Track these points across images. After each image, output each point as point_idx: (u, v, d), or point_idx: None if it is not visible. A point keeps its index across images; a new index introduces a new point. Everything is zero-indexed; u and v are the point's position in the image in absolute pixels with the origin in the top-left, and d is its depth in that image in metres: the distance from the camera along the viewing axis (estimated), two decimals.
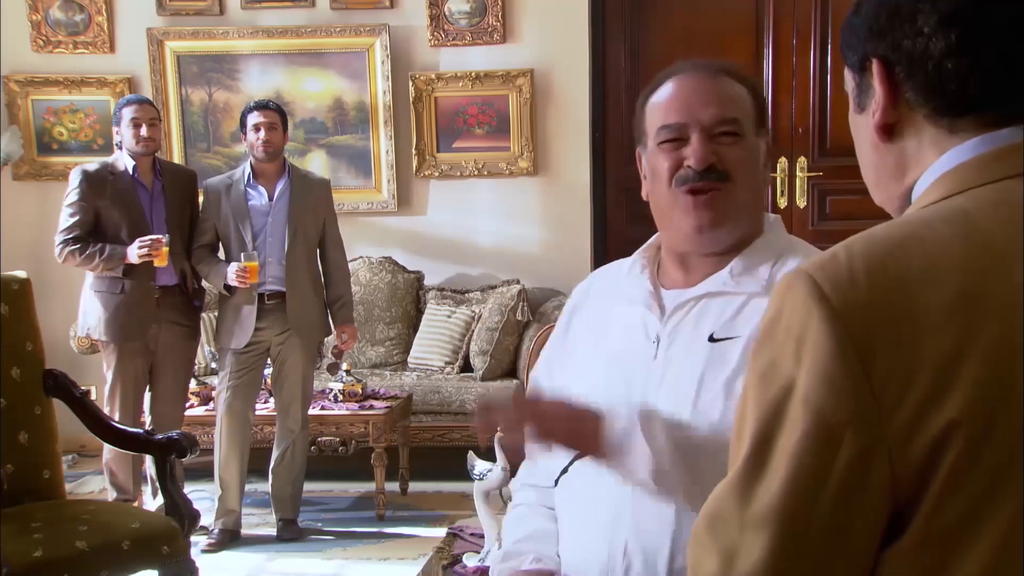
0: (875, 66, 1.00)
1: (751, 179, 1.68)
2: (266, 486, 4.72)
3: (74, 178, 4.44)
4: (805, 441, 0.87)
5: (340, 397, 4.86)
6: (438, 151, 5.89)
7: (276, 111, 4.57)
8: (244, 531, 4.65)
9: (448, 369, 5.47)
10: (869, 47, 1.00)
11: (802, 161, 5.78)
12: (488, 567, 2.82)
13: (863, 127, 1.05)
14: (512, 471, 3.77)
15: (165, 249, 4.32)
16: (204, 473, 4.91)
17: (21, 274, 3.55)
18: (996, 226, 0.89)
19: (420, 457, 5.24)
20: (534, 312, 5.53)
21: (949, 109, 0.96)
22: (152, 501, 4.53)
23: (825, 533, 0.87)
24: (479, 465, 4.19)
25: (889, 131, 1.01)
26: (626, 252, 1.84)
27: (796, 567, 0.88)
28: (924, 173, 0.99)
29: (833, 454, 0.86)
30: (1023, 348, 0.83)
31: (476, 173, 5.87)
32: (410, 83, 5.79)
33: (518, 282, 5.60)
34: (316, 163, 5.84)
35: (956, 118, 0.96)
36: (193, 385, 4.87)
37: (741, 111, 1.68)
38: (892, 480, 0.85)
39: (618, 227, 5.92)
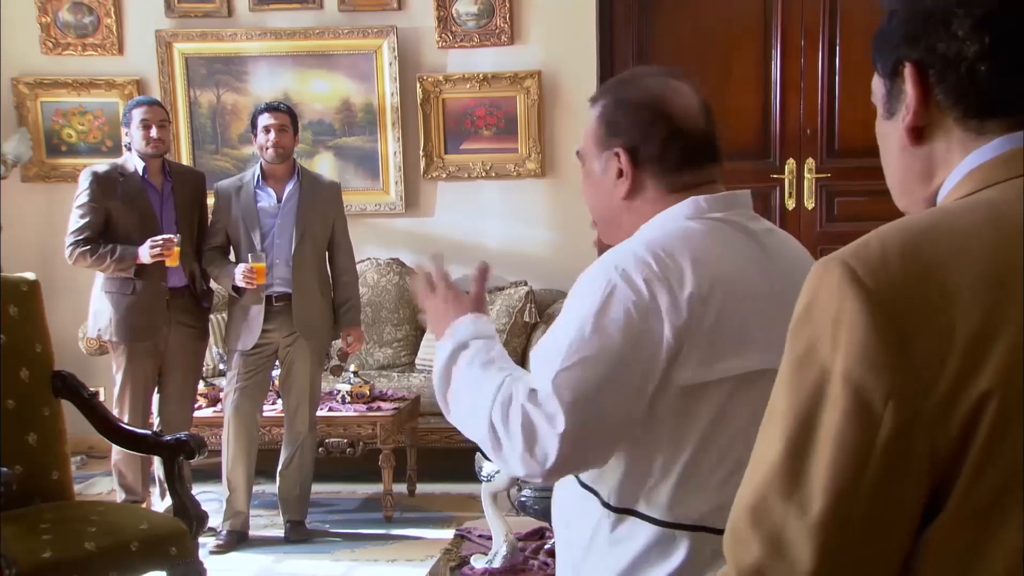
0: (908, 69, 1.03)
1: (598, 198, 1.79)
2: (274, 488, 4.73)
3: (84, 179, 4.46)
4: (847, 419, 0.90)
5: (348, 399, 4.87)
6: (446, 153, 5.90)
7: (286, 113, 4.58)
8: (252, 533, 4.66)
9: None
10: (903, 52, 1.03)
11: (810, 162, 5.77)
12: (496, 568, 2.82)
13: (891, 133, 1.08)
14: None
15: (177, 249, 4.34)
16: (212, 475, 4.91)
17: (30, 276, 3.57)
18: (1021, 213, 0.93)
19: (428, 458, 5.24)
20: (541, 313, 5.53)
21: (979, 110, 1.00)
22: (160, 502, 4.55)
23: (871, 509, 0.90)
24: (487, 467, 4.18)
25: (919, 134, 1.04)
26: None
27: (844, 547, 0.91)
28: (950, 175, 1.03)
29: (875, 430, 0.89)
30: None
31: (484, 175, 5.87)
32: (418, 85, 5.80)
33: (525, 283, 5.60)
34: (324, 165, 5.85)
35: (984, 120, 1.00)
36: (201, 386, 4.88)
37: (585, 138, 1.79)
38: (932, 455, 0.88)
39: None
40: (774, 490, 0.93)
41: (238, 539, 4.57)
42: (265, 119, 4.51)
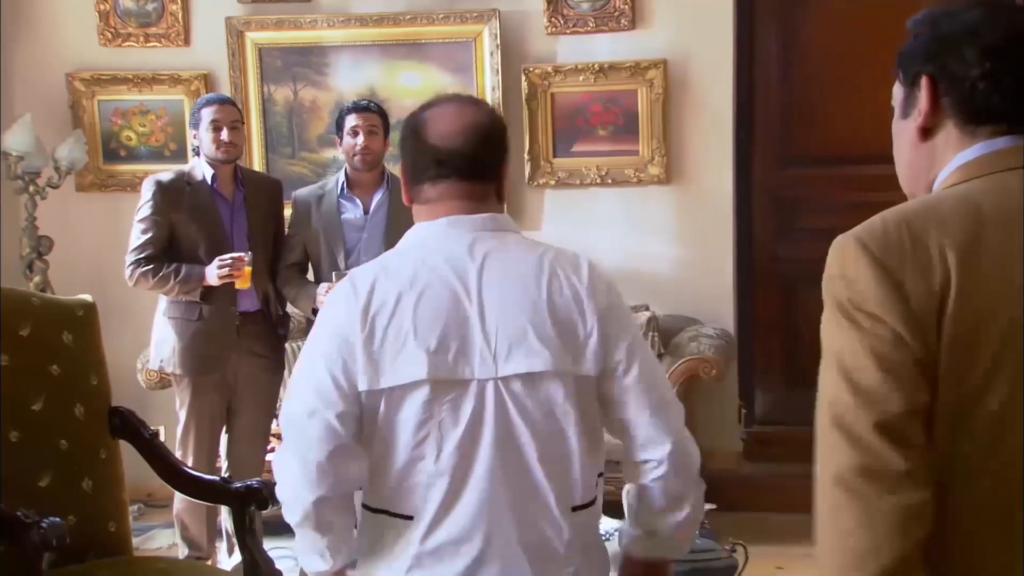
0: (924, 81, 1.59)
1: None
2: None
3: (147, 189, 4.54)
4: (876, 339, 1.46)
5: None
6: (555, 156, 5.88)
7: (377, 113, 4.61)
8: None
9: None
10: (922, 66, 1.59)
11: None
12: None
13: (905, 130, 1.65)
14: None
15: (248, 269, 4.38)
16: (287, 527, 4.93)
17: (86, 298, 3.62)
18: (990, 204, 1.49)
19: None
20: (666, 344, 5.47)
21: (973, 118, 1.56)
22: (228, 559, 4.59)
23: (916, 410, 1.46)
24: (605, 523, 4.12)
25: (926, 133, 1.61)
26: (774, 271, 1.89)
27: (908, 432, 1.46)
28: (945, 167, 1.59)
29: (892, 341, 1.46)
30: (1002, 293, 1.45)
31: (599, 181, 5.85)
32: (523, 77, 5.80)
33: (647, 308, 5.55)
34: None
35: (977, 126, 1.56)
36: (275, 425, 4.92)
37: None
38: (926, 356, 1.46)
39: (765, 243, 5.83)
40: (843, 401, 1.49)
41: None
42: (352, 120, 4.55)
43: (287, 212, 4.80)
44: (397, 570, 2.21)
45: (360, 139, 4.52)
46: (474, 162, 2.26)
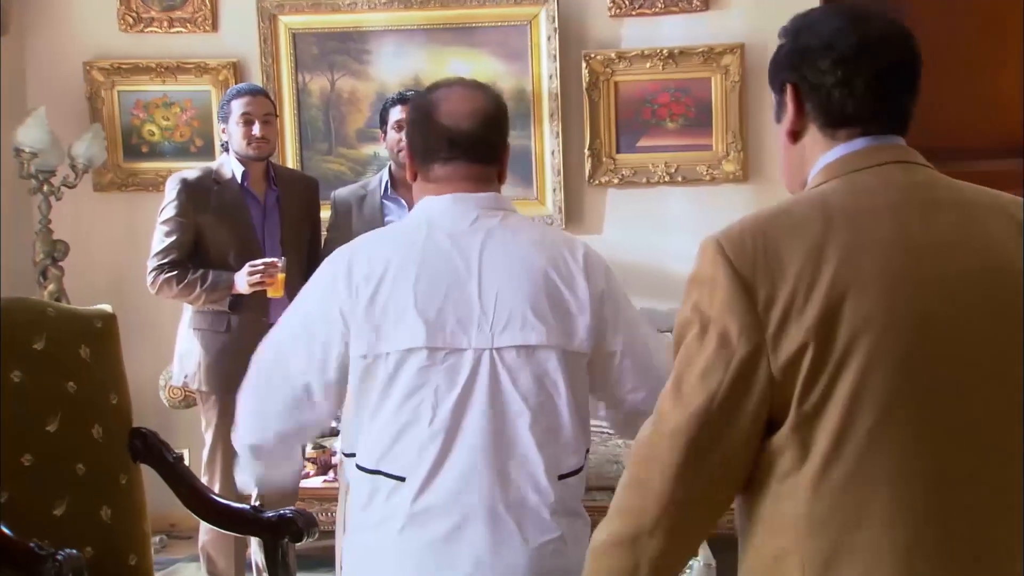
0: (789, 89, 1.87)
1: None
2: None
3: (171, 188, 4.56)
4: (715, 350, 1.72)
5: None
6: (618, 152, 5.87)
7: None
8: None
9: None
10: (786, 75, 1.88)
11: None
12: None
13: (779, 134, 1.93)
14: (718, 569, 3.70)
15: (281, 276, 4.39)
16: (323, 562, 4.94)
17: (105, 308, 3.64)
18: (839, 204, 1.77)
19: None
20: None
21: (832, 122, 1.85)
22: None
23: (724, 409, 1.72)
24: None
25: (795, 136, 1.90)
26: None
27: (703, 431, 1.73)
28: (812, 168, 1.88)
29: (731, 356, 1.71)
30: (848, 286, 1.69)
31: (667, 179, 5.82)
32: (584, 64, 5.79)
33: None
34: None
35: (836, 129, 1.85)
36: (309, 449, 4.92)
37: None
38: (770, 375, 1.70)
39: None
40: (668, 393, 1.78)
41: None
42: (397, 113, 4.56)
43: (324, 213, 4.80)
44: (390, 529, 2.47)
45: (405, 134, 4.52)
46: (483, 144, 2.59)
